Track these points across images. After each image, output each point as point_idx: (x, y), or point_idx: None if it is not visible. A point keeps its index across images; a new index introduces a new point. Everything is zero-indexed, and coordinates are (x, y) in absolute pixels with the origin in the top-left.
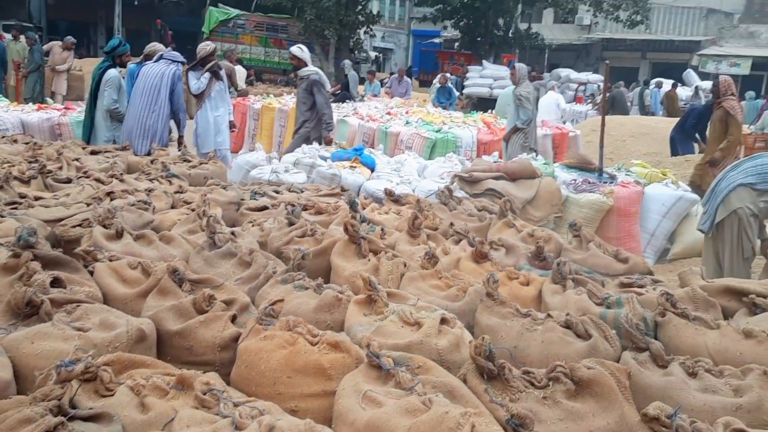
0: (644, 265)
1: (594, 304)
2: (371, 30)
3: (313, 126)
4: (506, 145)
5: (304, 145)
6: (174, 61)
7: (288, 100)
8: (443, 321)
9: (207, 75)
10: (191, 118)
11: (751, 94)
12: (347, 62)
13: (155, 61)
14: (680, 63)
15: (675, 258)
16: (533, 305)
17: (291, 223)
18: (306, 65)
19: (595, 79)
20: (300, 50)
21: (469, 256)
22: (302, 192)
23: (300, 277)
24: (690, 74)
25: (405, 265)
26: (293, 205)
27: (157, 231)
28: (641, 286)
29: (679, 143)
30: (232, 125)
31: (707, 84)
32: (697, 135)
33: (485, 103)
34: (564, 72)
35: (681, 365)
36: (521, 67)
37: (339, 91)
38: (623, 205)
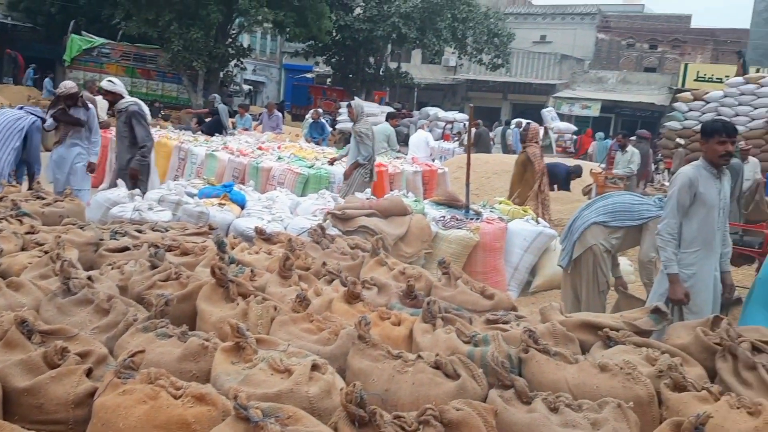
0: (508, 301)
1: (462, 342)
2: (242, 63)
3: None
4: (348, 180)
5: (169, 181)
6: (34, 114)
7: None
8: (314, 367)
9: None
10: (48, 150)
11: (600, 134)
12: (216, 96)
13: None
14: (538, 104)
15: (537, 290)
16: (405, 345)
17: (154, 266)
18: (122, 97)
19: (461, 117)
20: (111, 84)
21: (342, 296)
22: (167, 231)
23: (163, 324)
24: (545, 114)
25: (275, 309)
26: (157, 246)
27: (5, 276)
28: (506, 323)
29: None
30: (90, 167)
31: (558, 124)
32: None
33: None
34: (432, 110)
35: (543, 401)
36: (358, 104)
37: (209, 117)
38: (489, 241)
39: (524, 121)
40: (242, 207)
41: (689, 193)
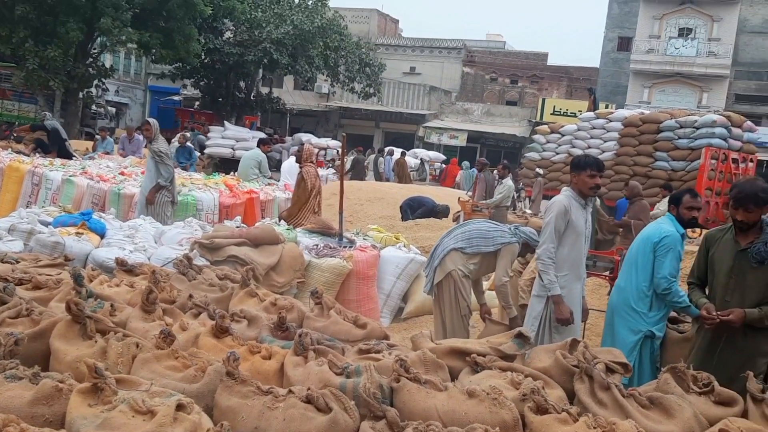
0: (381, 330)
1: (335, 374)
2: (103, 84)
3: None
4: (152, 207)
5: (21, 209)
6: None
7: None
8: (179, 407)
9: None
10: None
11: (466, 164)
12: (47, 114)
13: None
14: (409, 133)
15: (408, 316)
16: (276, 380)
17: (2, 302)
18: None
19: (334, 144)
20: None
21: (209, 331)
22: (17, 263)
23: (13, 365)
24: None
25: (137, 346)
26: (6, 280)
27: None
28: (378, 352)
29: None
30: None
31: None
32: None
33: (228, 164)
34: (305, 136)
35: (414, 430)
36: (154, 123)
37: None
38: (362, 269)
39: (396, 149)
40: (102, 236)
41: (564, 219)
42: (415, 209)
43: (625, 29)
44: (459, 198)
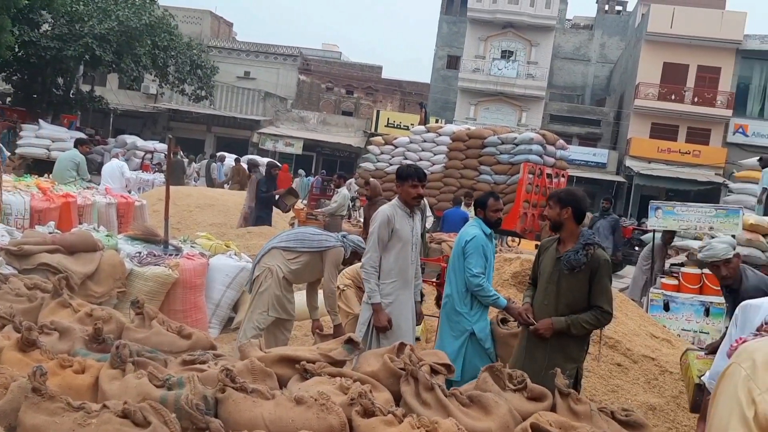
0: (207, 340)
1: (155, 387)
2: None
3: None
4: None
5: None
6: None
7: None
8: None
9: None
10: None
11: (301, 172)
12: None
13: None
14: (243, 139)
15: (239, 326)
16: (90, 395)
17: None
18: None
19: (162, 147)
20: None
21: (14, 344)
22: None
23: None
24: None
25: None
26: None
27: None
28: (203, 362)
29: (256, 212)
30: None
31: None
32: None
33: (42, 166)
34: (130, 138)
35: None
36: None
37: None
38: (189, 278)
39: (228, 155)
40: None
41: (387, 229)
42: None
43: (454, 48)
44: (294, 206)
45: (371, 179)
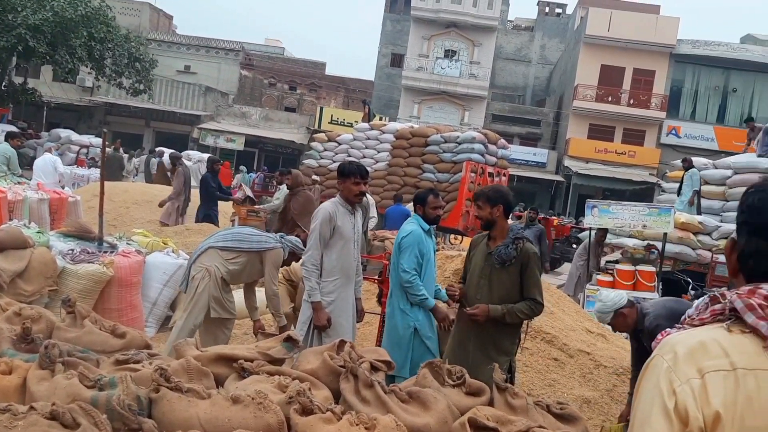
0: (142, 339)
1: (86, 387)
2: None
3: None
4: None
5: None
6: None
7: None
8: None
9: None
10: None
11: (243, 168)
12: None
13: None
14: (183, 133)
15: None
16: (17, 396)
17: None
18: None
19: (98, 142)
20: None
21: None
22: None
23: None
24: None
25: None
26: None
27: None
28: (138, 362)
29: (204, 210)
30: None
31: (199, 155)
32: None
33: None
34: (64, 132)
35: None
36: None
37: None
38: (124, 275)
39: (167, 150)
40: None
41: (329, 226)
42: None
43: (397, 46)
44: (233, 202)
45: (293, 169)
